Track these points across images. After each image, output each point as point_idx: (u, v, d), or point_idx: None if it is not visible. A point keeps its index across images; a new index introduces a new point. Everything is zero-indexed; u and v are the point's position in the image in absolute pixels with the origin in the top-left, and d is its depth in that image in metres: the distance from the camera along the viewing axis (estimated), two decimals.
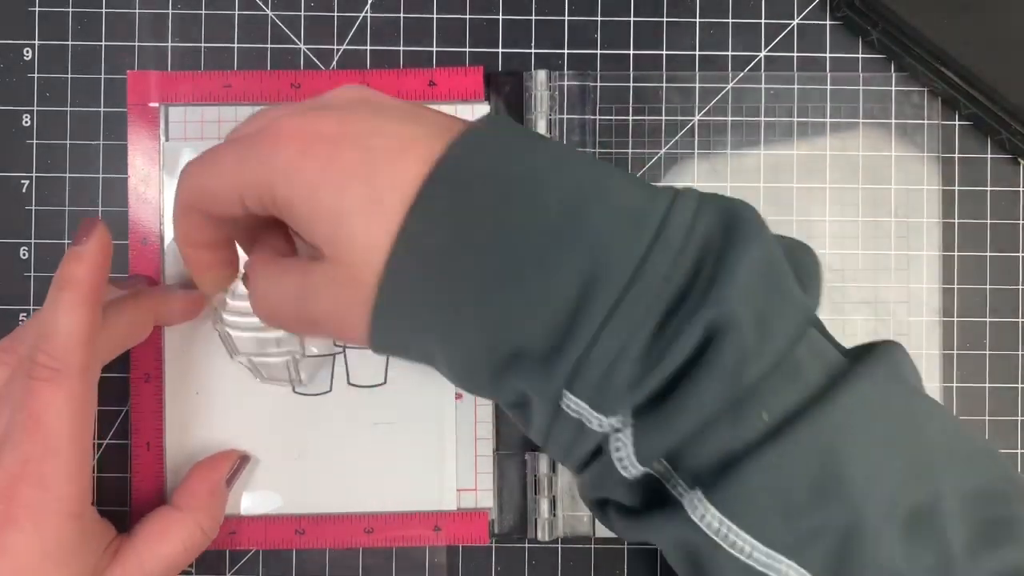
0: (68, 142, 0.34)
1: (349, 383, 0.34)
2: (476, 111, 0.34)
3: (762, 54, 0.34)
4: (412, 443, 0.33)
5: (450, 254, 0.22)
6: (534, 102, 0.33)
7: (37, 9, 0.34)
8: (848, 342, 0.23)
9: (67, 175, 0.34)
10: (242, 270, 0.30)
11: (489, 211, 0.21)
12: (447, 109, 0.33)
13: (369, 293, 0.22)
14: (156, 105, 0.33)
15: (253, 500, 0.33)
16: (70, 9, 0.34)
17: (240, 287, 0.32)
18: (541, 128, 0.33)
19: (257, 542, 0.33)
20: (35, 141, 0.34)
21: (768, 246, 0.22)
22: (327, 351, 0.33)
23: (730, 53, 0.34)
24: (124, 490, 0.33)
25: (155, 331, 0.33)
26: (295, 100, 0.33)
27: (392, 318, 0.23)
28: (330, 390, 0.34)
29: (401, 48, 0.34)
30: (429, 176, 0.22)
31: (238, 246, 0.29)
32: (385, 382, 0.33)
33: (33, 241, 0.34)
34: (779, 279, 0.22)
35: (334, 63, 0.34)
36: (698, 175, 0.34)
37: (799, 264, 0.23)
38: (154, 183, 0.33)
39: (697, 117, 0.34)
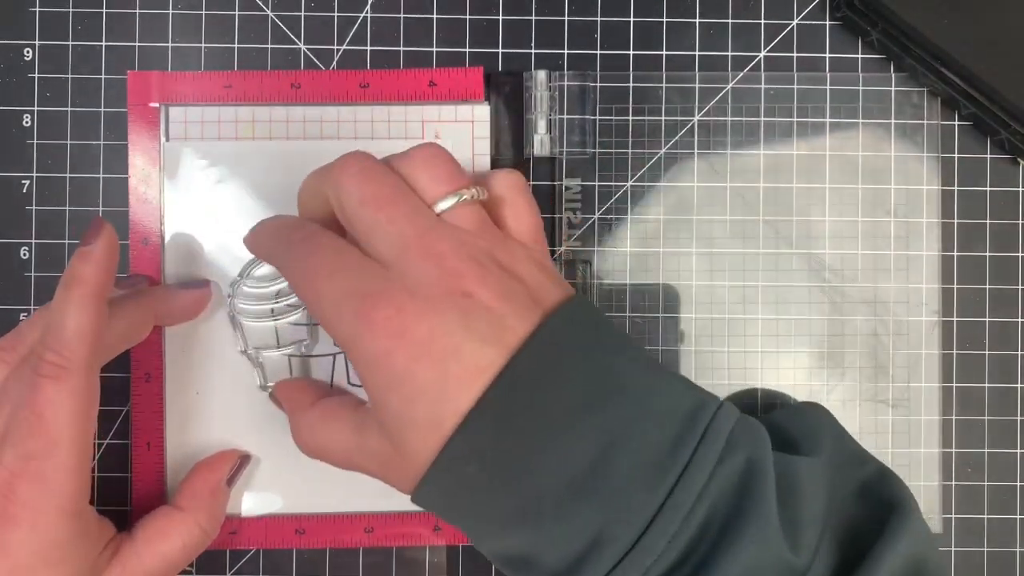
0: (68, 142, 0.34)
1: (349, 383, 0.34)
2: (476, 111, 0.34)
3: (762, 54, 0.34)
4: None
5: (480, 483, 0.24)
6: (534, 102, 0.33)
7: (37, 9, 0.34)
8: (848, 341, 0.23)
9: (67, 175, 0.34)
10: (269, 385, 0.33)
11: (522, 452, 0.23)
12: (447, 109, 0.34)
13: (411, 479, 0.25)
14: (156, 105, 0.33)
15: (253, 500, 0.33)
16: (70, 9, 0.34)
17: (257, 271, 0.32)
18: (541, 128, 0.33)
19: (257, 542, 0.33)
20: (35, 141, 0.34)
21: (769, 518, 0.23)
22: (327, 351, 0.33)
23: (730, 53, 0.34)
24: (124, 490, 0.33)
25: (155, 331, 0.33)
26: (295, 100, 0.33)
27: (428, 505, 0.26)
28: None
29: (401, 48, 0.34)
30: (477, 406, 0.23)
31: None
32: None
33: (33, 241, 0.34)
34: (777, 554, 0.23)
35: (334, 63, 0.34)
36: (698, 175, 0.34)
37: (799, 498, 0.25)
38: (154, 183, 0.33)
39: (697, 117, 0.34)
